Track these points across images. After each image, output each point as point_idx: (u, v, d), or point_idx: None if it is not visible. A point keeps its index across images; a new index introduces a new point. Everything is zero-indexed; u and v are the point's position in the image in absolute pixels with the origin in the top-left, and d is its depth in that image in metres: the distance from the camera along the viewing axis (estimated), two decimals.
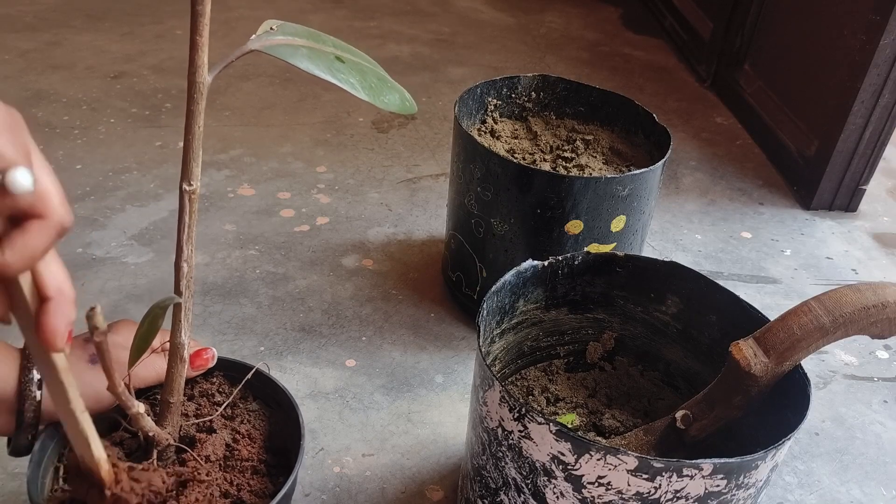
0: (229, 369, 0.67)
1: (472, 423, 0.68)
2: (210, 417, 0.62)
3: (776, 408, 0.63)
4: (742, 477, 0.55)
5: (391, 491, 0.80)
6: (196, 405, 0.64)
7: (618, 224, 0.89)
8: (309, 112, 1.54)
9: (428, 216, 1.25)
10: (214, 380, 0.67)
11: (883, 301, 0.58)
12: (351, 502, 0.78)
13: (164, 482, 0.50)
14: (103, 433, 0.61)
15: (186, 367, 0.54)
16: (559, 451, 0.55)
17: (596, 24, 2.10)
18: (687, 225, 1.31)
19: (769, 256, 1.24)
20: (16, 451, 0.56)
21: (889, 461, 0.90)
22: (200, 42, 0.41)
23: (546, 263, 0.74)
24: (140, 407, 0.51)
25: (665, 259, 0.75)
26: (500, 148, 1.01)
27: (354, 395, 0.90)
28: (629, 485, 0.54)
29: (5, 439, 0.56)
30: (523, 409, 0.56)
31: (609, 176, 0.85)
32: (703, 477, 0.53)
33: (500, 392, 0.58)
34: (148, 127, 1.42)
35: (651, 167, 0.87)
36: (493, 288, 0.69)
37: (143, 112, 1.47)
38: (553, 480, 0.57)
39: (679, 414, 0.65)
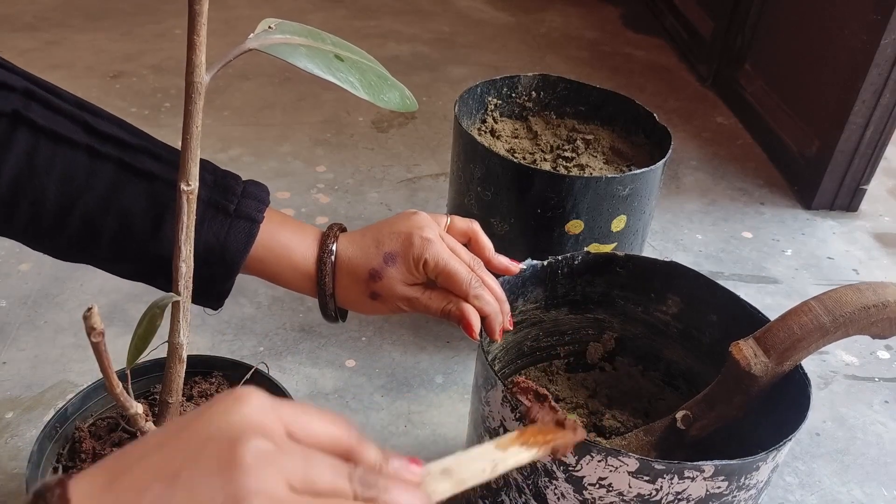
0: (229, 369, 0.67)
1: (473, 423, 0.68)
2: None
3: (777, 408, 0.62)
4: (743, 478, 0.55)
5: None
6: (195, 405, 0.63)
7: (618, 224, 0.89)
8: (308, 111, 1.54)
9: None
10: (213, 380, 0.66)
11: (883, 301, 0.57)
12: None
13: None
14: (102, 434, 0.61)
15: (185, 367, 0.54)
16: None
17: (596, 23, 2.10)
18: (688, 225, 1.30)
19: (770, 256, 1.24)
20: (326, 316, 0.60)
21: (890, 461, 0.90)
22: (198, 41, 0.41)
23: (546, 263, 0.73)
24: (138, 407, 0.51)
25: (665, 259, 0.75)
26: (500, 148, 1.00)
27: (354, 395, 0.90)
28: (630, 486, 0.54)
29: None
30: (524, 409, 0.56)
31: (609, 176, 0.85)
32: (705, 479, 0.53)
33: (503, 392, 0.58)
34: (147, 126, 1.41)
35: (652, 167, 0.87)
36: None
37: (143, 112, 1.47)
38: (554, 481, 0.57)
39: (679, 414, 0.65)
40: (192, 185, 0.46)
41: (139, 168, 0.53)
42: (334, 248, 0.58)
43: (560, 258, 0.74)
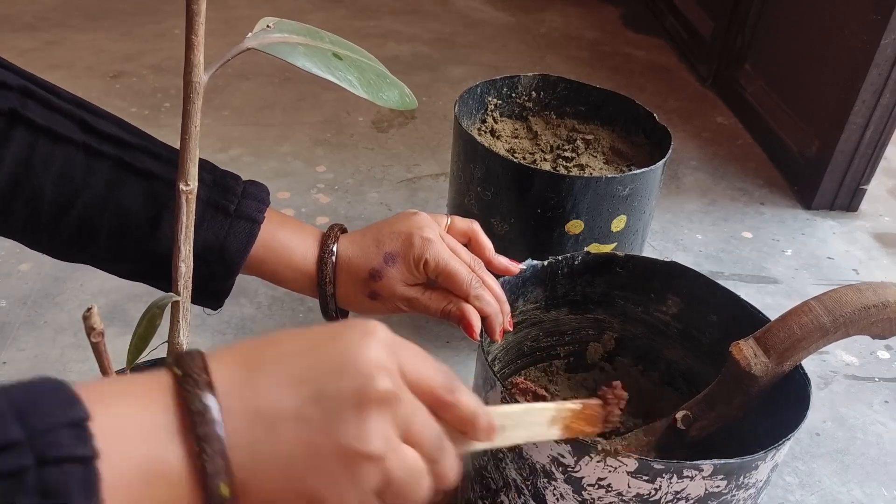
0: None
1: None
2: None
3: (777, 408, 0.62)
4: (742, 477, 0.55)
5: None
6: None
7: (618, 224, 0.89)
8: (308, 111, 1.54)
9: None
10: None
11: (883, 301, 0.57)
12: None
13: None
14: None
15: None
16: (559, 453, 0.55)
17: (596, 23, 2.10)
18: (688, 225, 1.30)
19: (770, 256, 1.24)
20: (326, 316, 0.60)
21: (890, 461, 0.90)
22: (196, 41, 0.40)
23: (545, 263, 0.73)
24: None
25: (665, 259, 0.75)
26: (500, 148, 1.00)
27: None
28: (629, 486, 0.54)
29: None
30: None
31: (609, 176, 0.85)
32: (704, 478, 0.53)
33: (502, 392, 0.58)
34: (147, 126, 1.41)
35: (652, 167, 0.87)
36: None
37: (143, 111, 1.47)
38: (553, 482, 0.57)
39: (679, 414, 0.65)
40: (191, 185, 0.46)
41: (138, 167, 0.53)
42: (335, 248, 0.58)
43: (560, 258, 0.74)
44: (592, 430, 0.50)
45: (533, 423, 0.45)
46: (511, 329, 0.61)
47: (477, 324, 0.58)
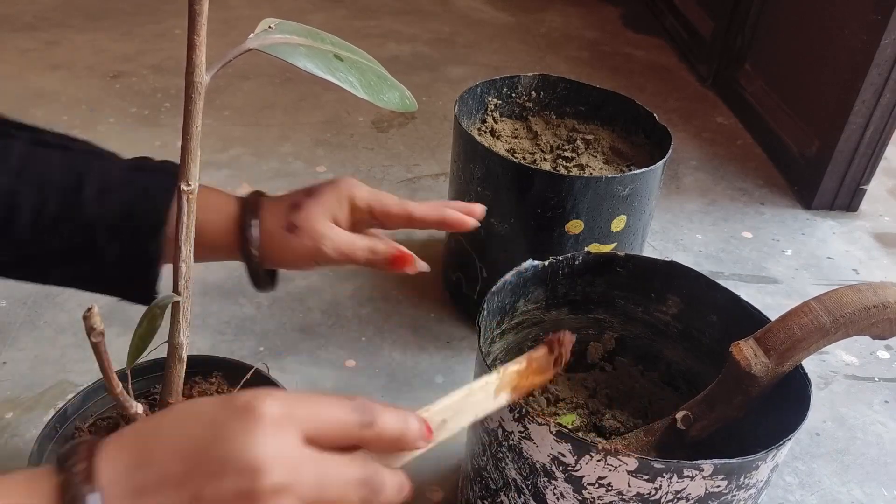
0: (228, 369, 0.67)
1: (472, 424, 0.68)
2: None
3: (777, 408, 0.62)
4: (742, 477, 0.55)
5: None
6: None
7: (618, 224, 0.89)
8: (309, 111, 1.54)
9: None
10: (213, 380, 0.66)
11: (884, 301, 0.57)
12: None
13: None
14: (102, 434, 0.61)
15: (185, 367, 0.54)
16: (559, 452, 0.55)
17: (596, 23, 2.10)
18: (688, 225, 1.30)
19: (770, 256, 1.24)
20: (256, 285, 0.59)
21: (890, 461, 0.90)
22: (198, 41, 0.41)
23: (546, 263, 0.73)
24: (138, 407, 0.51)
25: (665, 259, 0.75)
26: (500, 148, 1.00)
27: None
28: (630, 486, 0.54)
29: None
30: (523, 410, 0.56)
31: (609, 176, 0.85)
32: (704, 478, 0.53)
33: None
34: (147, 126, 1.42)
35: (652, 167, 0.87)
36: (494, 288, 0.69)
37: (143, 112, 1.47)
38: (553, 481, 0.57)
39: (679, 415, 0.65)
40: (192, 185, 0.46)
41: (51, 141, 0.54)
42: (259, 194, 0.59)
43: (560, 258, 0.74)
44: (543, 378, 0.49)
45: (477, 402, 0.46)
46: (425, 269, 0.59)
47: (410, 254, 0.56)
